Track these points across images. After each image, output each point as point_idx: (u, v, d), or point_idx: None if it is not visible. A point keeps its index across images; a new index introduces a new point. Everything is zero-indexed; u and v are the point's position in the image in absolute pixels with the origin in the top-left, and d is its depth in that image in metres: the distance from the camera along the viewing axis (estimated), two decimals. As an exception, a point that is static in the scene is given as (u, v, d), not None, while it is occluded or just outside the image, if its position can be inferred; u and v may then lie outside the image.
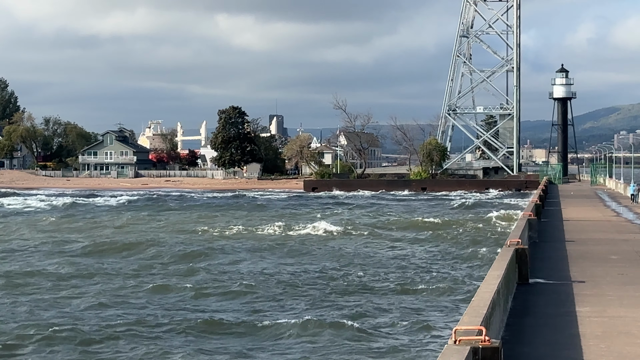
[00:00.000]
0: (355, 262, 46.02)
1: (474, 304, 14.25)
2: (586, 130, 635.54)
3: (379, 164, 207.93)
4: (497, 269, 18.43)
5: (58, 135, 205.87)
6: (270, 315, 30.69)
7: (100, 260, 47.23)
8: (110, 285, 37.85)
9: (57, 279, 39.76)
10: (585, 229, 40.79)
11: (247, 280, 38.67)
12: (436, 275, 40.39)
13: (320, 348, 25.69)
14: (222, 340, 26.95)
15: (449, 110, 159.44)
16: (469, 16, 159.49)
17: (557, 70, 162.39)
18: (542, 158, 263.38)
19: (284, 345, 26.17)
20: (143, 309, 31.94)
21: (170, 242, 56.21)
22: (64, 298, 34.66)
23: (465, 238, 58.49)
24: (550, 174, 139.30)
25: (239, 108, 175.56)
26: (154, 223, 73.77)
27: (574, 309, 18.61)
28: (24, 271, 42.17)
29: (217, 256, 48.72)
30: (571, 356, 14.33)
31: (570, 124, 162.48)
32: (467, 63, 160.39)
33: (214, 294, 35.48)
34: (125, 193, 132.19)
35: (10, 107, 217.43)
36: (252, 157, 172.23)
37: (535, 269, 24.24)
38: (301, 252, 51.03)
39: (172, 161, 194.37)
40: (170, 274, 41.92)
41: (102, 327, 28.35)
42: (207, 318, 29.88)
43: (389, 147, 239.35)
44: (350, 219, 76.05)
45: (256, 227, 67.39)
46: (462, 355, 10.80)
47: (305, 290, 36.28)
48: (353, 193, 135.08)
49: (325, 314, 30.49)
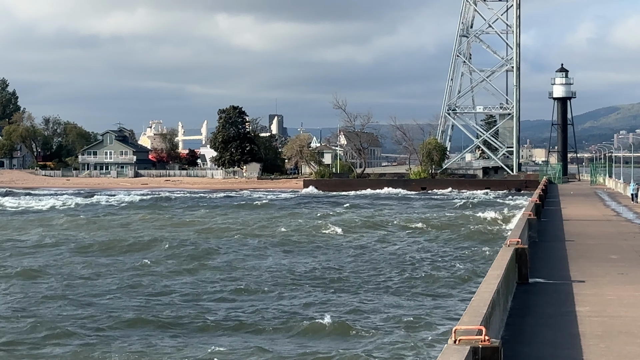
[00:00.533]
0: (357, 259, 46.06)
1: (474, 303, 14.24)
2: (586, 129, 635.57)
3: (379, 164, 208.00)
4: (497, 269, 18.42)
5: (58, 135, 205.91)
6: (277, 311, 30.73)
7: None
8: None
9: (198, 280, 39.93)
10: (585, 229, 40.77)
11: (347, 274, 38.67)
12: (437, 274, 40.34)
13: (318, 344, 25.72)
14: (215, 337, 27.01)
15: (448, 110, 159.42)
16: (468, 16, 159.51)
17: (557, 70, 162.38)
18: (542, 158, 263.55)
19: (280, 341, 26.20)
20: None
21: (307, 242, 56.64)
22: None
23: (465, 237, 58.48)
24: (550, 173, 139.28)
25: (239, 108, 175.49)
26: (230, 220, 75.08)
27: (573, 308, 18.60)
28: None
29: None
30: (571, 356, 14.32)
31: (570, 124, 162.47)
32: (467, 63, 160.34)
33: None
34: (135, 192, 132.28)
35: (11, 107, 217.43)
36: (252, 157, 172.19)
37: (535, 268, 24.24)
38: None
39: (172, 161, 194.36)
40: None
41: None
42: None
43: (388, 147, 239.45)
44: (350, 218, 76.01)
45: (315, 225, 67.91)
46: (462, 355, 10.79)
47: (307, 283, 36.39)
48: (353, 192, 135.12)
49: (324, 311, 30.50)
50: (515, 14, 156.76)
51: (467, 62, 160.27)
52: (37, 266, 43.73)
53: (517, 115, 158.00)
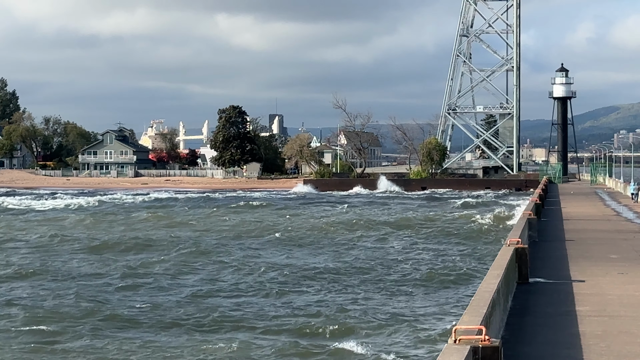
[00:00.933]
0: (356, 258, 46.07)
1: (474, 303, 14.24)
2: (586, 129, 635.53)
3: (379, 164, 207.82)
4: (497, 268, 18.42)
5: (58, 135, 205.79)
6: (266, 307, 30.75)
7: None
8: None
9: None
10: (585, 228, 40.77)
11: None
12: (436, 273, 40.34)
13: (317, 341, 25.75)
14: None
15: (448, 110, 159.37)
16: (469, 15, 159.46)
17: (557, 70, 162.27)
18: (542, 157, 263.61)
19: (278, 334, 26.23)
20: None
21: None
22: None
23: (465, 237, 58.47)
24: (550, 173, 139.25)
25: (239, 107, 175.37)
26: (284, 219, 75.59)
27: (574, 308, 18.60)
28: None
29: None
30: (571, 355, 14.31)
31: (570, 123, 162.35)
32: (467, 62, 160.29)
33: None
34: (138, 192, 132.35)
35: (11, 107, 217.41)
36: (252, 157, 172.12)
37: (535, 268, 24.24)
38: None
39: (172, 161, 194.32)
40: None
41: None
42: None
43: (388, 147, 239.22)
44: (349, 218, 76.01)
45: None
46: (462, 355, 10.79)
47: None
48: (353, 191, 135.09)
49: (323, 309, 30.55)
50: (516, 13, 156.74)
51: (467, 62, 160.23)
52: (44, 265, 43.91)
53: (517, 115, 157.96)
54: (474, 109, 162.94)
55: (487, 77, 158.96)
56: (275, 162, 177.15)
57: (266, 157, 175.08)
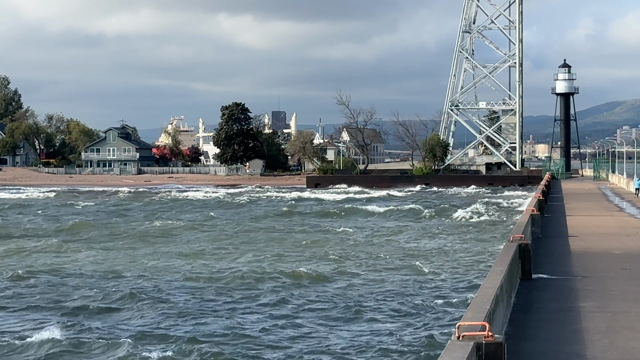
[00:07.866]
0: (359, 254, 46.11)
1: (477, 299, 14.24)
2: (589, 125, 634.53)
3: (382, 160, 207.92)
4: (500, 265, 18.40)
5: (61, 132, 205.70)
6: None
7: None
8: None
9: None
10: (588, 224, 40.69)
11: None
12: (440, 268, 40.36)
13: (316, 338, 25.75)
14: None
15: (451, 106, 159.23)
16: (471, 12, 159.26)
17: (560, 66, 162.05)
18: (545, 153, 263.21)
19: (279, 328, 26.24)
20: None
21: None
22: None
23: (469, 232, 58.45)
24: (553, 169, 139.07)
25: (242, 104, 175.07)
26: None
27: (577, 304, 18.59)
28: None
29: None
30: (575, 351, 14.30)
31: (572, 119, 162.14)
32: (470, 59, 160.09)
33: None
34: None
35: (14, 105, 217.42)
36: (255, 154, 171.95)
37: (538, 264, 24.20)
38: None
39: (174, 158, 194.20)
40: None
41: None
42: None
43: (391, 143, 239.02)
44: (353, 216, 76.04)
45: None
46: (466, 351, 10.79)
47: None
48: (353, 190, 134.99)
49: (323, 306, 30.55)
50: (518, 9, 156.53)
51: (469, 58, 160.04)
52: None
53: (520, 111, 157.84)
54: (477, 105, 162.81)
55: (489, 73, 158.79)
56: (278, 159, 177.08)
57: (269, 153, 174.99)
